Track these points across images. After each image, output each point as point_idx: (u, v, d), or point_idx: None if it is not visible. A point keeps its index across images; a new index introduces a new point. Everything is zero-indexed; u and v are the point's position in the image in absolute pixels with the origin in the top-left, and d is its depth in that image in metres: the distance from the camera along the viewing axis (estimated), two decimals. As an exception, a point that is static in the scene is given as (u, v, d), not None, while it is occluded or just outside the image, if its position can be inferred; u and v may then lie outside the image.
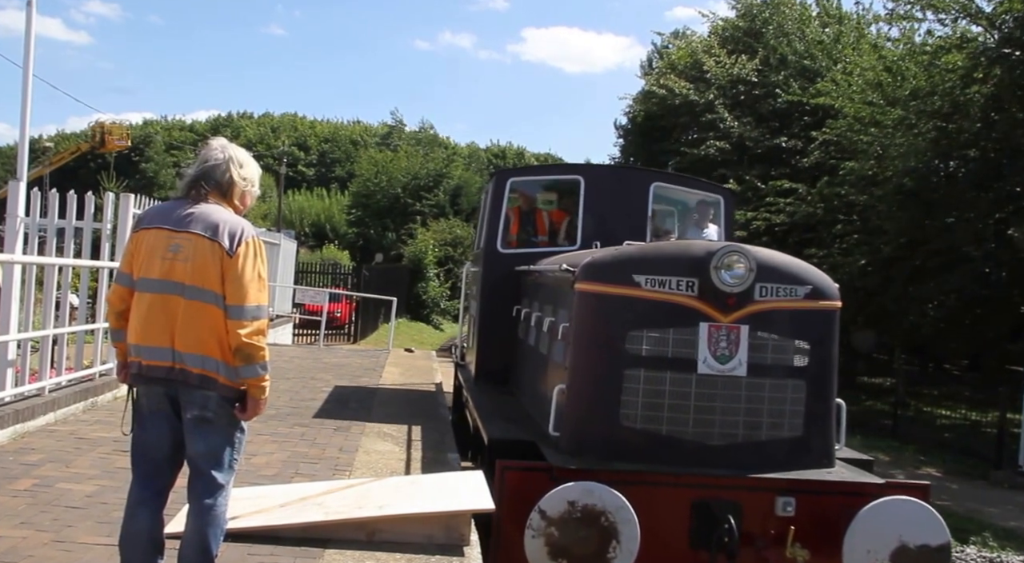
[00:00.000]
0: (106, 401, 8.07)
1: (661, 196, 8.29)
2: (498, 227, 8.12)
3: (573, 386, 5.11)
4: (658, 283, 4.92)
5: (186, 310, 3.31)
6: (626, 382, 4.92)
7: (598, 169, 10.16)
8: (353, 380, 10.88)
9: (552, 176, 9.22)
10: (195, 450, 3.39)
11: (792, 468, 4.96)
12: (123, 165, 47.90)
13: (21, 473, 5.45)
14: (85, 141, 45.92)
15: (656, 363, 4.93)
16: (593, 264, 5.20)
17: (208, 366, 3.32)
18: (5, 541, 4.22)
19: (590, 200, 7.94)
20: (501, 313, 7.70)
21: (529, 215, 8.63)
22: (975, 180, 15.45)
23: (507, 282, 7.74)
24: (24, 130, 7.67)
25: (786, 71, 24.58)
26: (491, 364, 7.89)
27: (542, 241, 8.49)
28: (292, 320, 20.50)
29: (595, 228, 7.76)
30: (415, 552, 4.45)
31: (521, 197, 8.63)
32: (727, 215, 8.27)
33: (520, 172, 8.82)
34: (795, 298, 5.03)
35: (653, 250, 5.48)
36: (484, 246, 8.23)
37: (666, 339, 4.93)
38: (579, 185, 8.03)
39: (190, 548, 3.37)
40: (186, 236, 3.34)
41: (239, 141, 3.50)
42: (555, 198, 8.97)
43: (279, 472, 5.93)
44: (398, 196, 44.72)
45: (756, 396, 4.97)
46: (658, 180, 8.45)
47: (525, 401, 6.82)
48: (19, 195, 7.26)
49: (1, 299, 6.86)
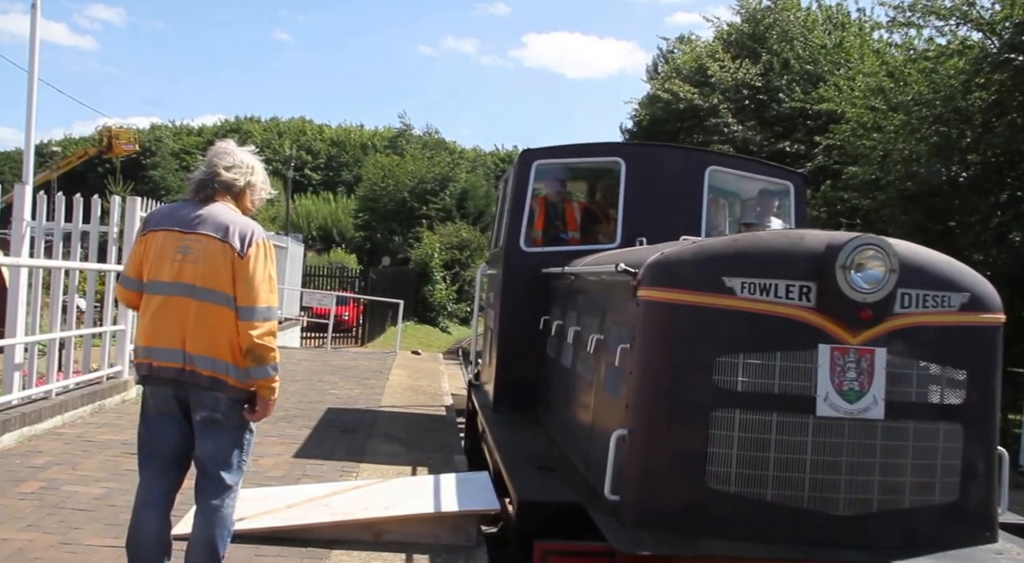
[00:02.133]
0: (113, 404, 8.10)
1: (712, 185, 6.92)
2: (521, 221, 6.79)
3: (640, 433, 3.79)
4: (760, 289, 3.66)
5: (197, 312, 3.31)
6: (715, 428, 3.63)
7: (642, 150, 8.50)
8: (360, 383, 10.89)
9: (587, 158, 7.60)
10: (204, 451, 3.39)
11: (945, 546, 3.69)
12: (131, 169, 48.06)
13: (28, 476, 5.47)
14: (92, 145, 46.09)
15: (758, 402, 3.64)
16: (664, 263, 3.84)
17: (218, 368, 3.32)
18: (12, 543, 4.24)
19: (632, 187, 6.70)
20: (525, 324, 6.57)
21: (558, 206, 7.36)
22: (977, 185, 15.45)
23: (532, 287, 6.59)
24: (30, 134, 7.71)
25: (789, 76, 24.63)
26: (513, 386, 6.66)
27: (574, 238, 7.24)
28: (300, 323, 20.57)
29: (639, 222, 6.53)
30: (422, 553, 4.45)
31: (549, 184, 7.37)
32: (798, 206, 6.89)
33: (549, 153, 7.03)
34: (948, 310, 3.79)
35: (751, 243, 3.93)
36: (504, 244, 6.94)
37: (771, 368, 3.65)
38: (619, 169, 6.77)
39: (197, 549, 3.37)
40: (196, 237, 3.35)
41: (247, 145, 3.49)
42: (589, 186, 7.84)
43: (287, 473, 5.94)
44: (405, 200, 44.81)
45: (898, 447, 3.67)
46: (715, 163, 7.05)
47: (557, 433, 5.68)
48: (25, 199, 7.29)
49: (8, 302, 6.90)
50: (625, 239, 6.55)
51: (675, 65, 29.60)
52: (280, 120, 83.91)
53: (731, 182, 7.16)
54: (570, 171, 7.57)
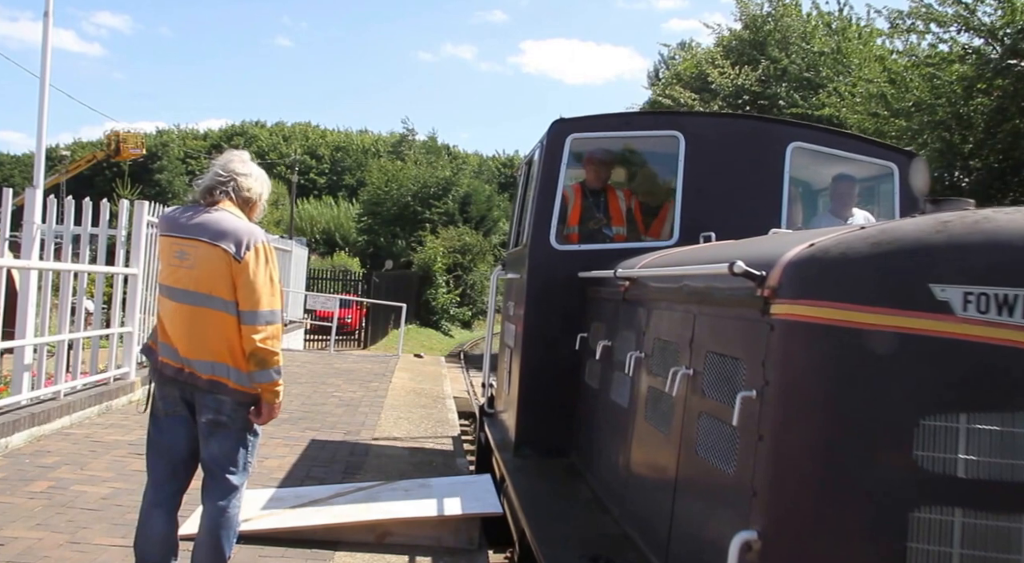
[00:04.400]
0: (120, 405, 8.18)
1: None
2: (552, 211, 5.46)
3: (782, 542, 2.32)
4: (998, 305, 2.11)
5: (193, 316, 3.35)
6: (918, 539, 2.14)
7: (706, 121, 6.62)
8: (363, 385, 10.96)
9: (635, 132, 6.02)
10: (209, 453, 3.43)
11: None
12: (138, 173, 48.24)
13: (37, 475, 5.55)
14: (101, 150, 46.25)
15: (995, 497, 2.11)
16: (820, 261, 2.35)
17: (218, 371, 3.35)
18: (21, 542, 4.30)
19: (694, 169, 5.39)
20: (556, 343, 5.31)
21: (597, 195, 5.89)
22: (980, 191, 15.47)
23: (566, 295, 5.34)
24: (41, 139, 7.80)
25: (787, 83, 24.62)
26: (540, 422, 5.36)
27: (618, 234, 5.85)
28: (304, 326, 20.64)
29: (702, 213, 5.25)
30: (424, 555, 4.50)
31: (586, 166, 5.94)
32: (902, 193, 5.45)
33: (586, 124, 5.63)
34: None
35: (976, 229, 2.21)
36: (530, 241, 5.57)
37: (1016, 440, 2.11)
38: (677, 146, 5.45)
39: (203, 549, 3.41)
40: (191, 243, 3.38)
41: (252, 150, 3.56)
42: (635, 168, 6.42)
43: (290, 475, 5.99)
44: (408, 204, 44.90)
45: None
46: (801, 138, 5.55)
47: (608, 495, 4.17)
48: (36, 202, 7.38)
49: (18, 304, 6.98)
50: (685, 234, 5.26)
51: (675, 71, 29.66)
52: (285, 125, 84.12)
53: (815, 163, 5.77)
54: (613, 148, 6.07)
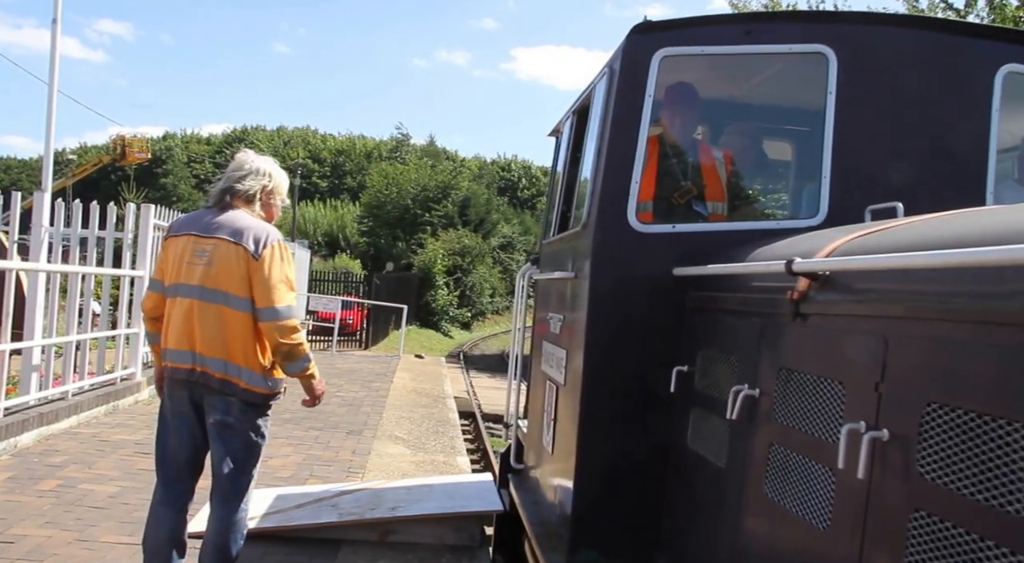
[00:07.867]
0: (127, 405, 8.27)
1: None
2: (631, 171, 3.40)
3: None
4: None
5: (209, 314, 3.40)
6: None
7: (870, 32, 3.55)
8: (365, 385, 11.03)
9: (759, 46, 3.51)
10: (217, 455, 3.47)
11: None
12: (143, 177, 48.39)
13: (46, 474, 5.63)
14: (107, 154, 46.32)
15: None
16: None
17: (230, 371, 3.39)
18: (30, 540, 4.37)
19: (853, 106, 3.42)
20: (639, 382, 3.34)
21: (687, 154, 3.82)
22: None
23: (655, 305, 3.33)
24: (49, 143, 7.91)
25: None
26: (611, 509, 3.35)
27: (715, 213, 3.70)
28: (306, 327, 20.71)
29: (866, 175, 3.40)
30: (427, 552, 4.58)
31: (670, 109, 3.71)
32: None
33: (684, 31, 3.44)
34: None
35: None
36: (596, 218, 3.45)
37: None
38: (825, 67, 3.41)
39: (211, 550, 3.46)
40: (212, 241, 3.43)
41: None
42: (749, 110, 4.16)
43: (294, 474, 6.08)
44: (408, 207, 45.00)
45: None
46: (1015, 60, 3.43)
47: None
48: (44, 206, 7.47)
49: (26, 306, 7.07)
50: (836, 207, 3.34)
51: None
52: (287, 129, 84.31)
53: None
54: (714, 75, 3.85)
